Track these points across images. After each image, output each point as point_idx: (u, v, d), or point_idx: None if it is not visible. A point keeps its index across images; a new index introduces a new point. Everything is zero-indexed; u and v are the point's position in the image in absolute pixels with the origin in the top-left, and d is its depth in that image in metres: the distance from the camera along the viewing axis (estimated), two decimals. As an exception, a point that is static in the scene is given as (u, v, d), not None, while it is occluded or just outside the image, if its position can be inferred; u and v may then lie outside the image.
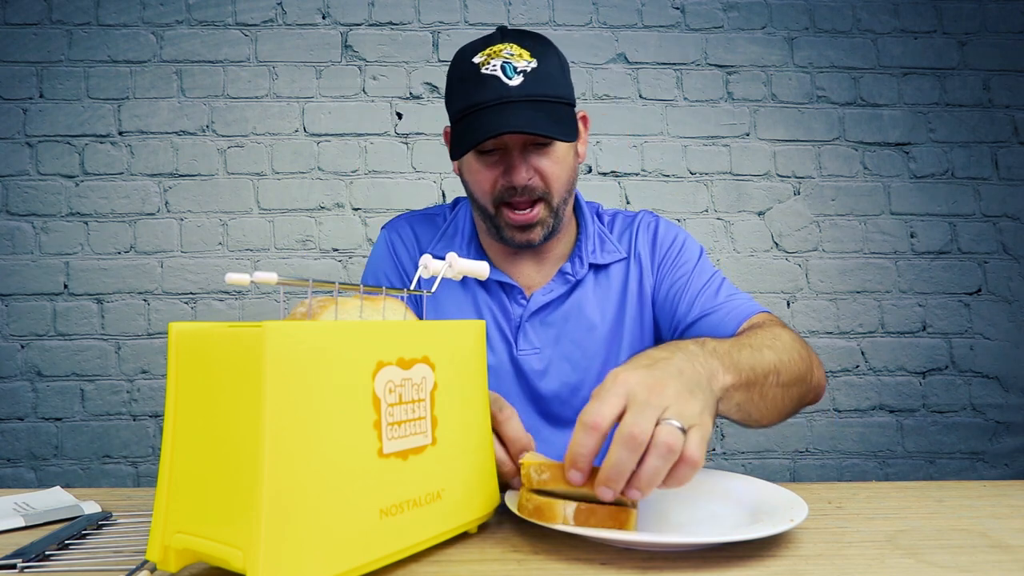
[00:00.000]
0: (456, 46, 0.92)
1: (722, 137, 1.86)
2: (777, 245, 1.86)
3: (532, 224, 0.88)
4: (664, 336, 0.96)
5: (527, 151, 0.85)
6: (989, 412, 1.86)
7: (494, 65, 0.82)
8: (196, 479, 0.46)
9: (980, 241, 1.88)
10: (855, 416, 1.85)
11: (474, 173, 0.89)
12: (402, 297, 0.63)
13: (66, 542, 0.57)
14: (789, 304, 1.85)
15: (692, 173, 1.86)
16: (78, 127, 1.76)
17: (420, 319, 0.58)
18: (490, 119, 0.80)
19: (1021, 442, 1.86)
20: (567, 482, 0.52)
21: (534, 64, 0.83)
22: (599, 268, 0.96)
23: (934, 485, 0.74)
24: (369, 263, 1.03)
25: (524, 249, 0.93)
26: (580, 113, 0.93)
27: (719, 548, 0.54)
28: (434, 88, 1.82)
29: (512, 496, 0.62)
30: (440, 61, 1.83)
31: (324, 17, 1.82)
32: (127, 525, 0.63)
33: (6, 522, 0.62)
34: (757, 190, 1.86)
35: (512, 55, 0.83)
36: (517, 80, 0.81)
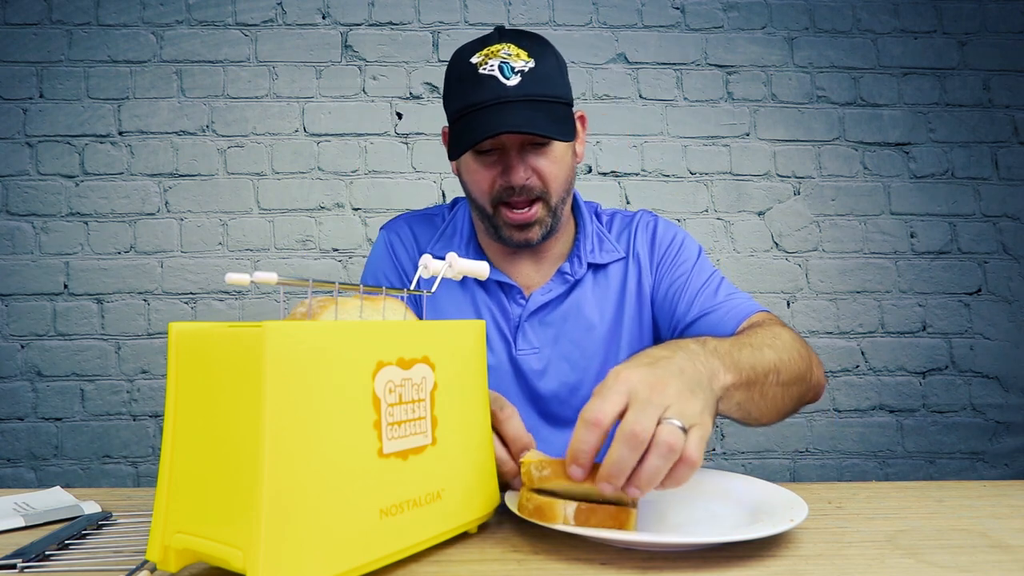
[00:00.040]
0: (456, 46, 0.92)
1: (722, 137, 1.86)
2: (777, 245, 1.86)
3: (530, 223, 0.88)
4: (663, 335, 0.96)
5: (525, 151, 0.85)
6: (989, 412, 1.86)
7: (492, 65, 0.82)
8: (196, 479, 0.46)
9: (980, 241, 1.88)
10: (855, 416, 1.85)
11: (472, 173, 0.89)
12: (402, 297, 0.63)
13: (66, 542, 0.57)
14: (789, 304, 1.85)
15: (692, 173, 1.86)
16: (78, 127, 1.76)
17: (420, 319, 0.59)
18: (488, 119, 0.81)
19: (1021, 442, 1.86)
20: (568, 478, 0.52)
21: (532, 64, 0.83)
22: (598, 268, 0.96)
23: (934, 485, 0.74)
24: (368, 264, 1.03)
25: (522, 248, 0.93)
26: (578, 113, 0.93)
27: (719, 548, 0.54)
28: (434, 88, 1.82)
29: (512, 496, 0.62)
30: (440, 61, 1.83)
31: (324, 17, 1.82)
32: (127, 525, 0.63)
33: (6, 522, 0.62)
34: (757, 190, 1.86)
35: (510, 55, 0.83)
36: (515, 80, 0.81)
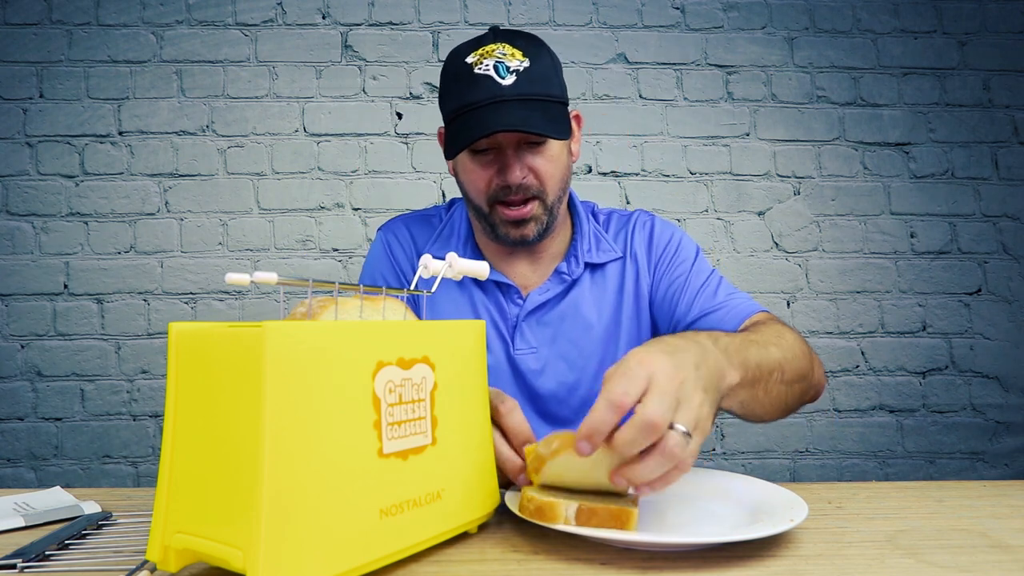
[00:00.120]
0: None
1: (722, 137, 1.86)
2: (777, 245, 1.86)
3: (526, 220, 0.88)
4: (662, 335, 0.96)
5: (521, 150, 0.85)
6: (989, 412, 1.86)
7: (487, 65, 0.83)
8: (196, 479, 0.46)
9: (980, 241, 1.88)
10: (855, 416, 1.85)
11: (468, 172, 0.89)
12: (402, 297, 0.63)
13: (66, 542, 0.57)
14: (789, 304, 1.85)
15: (692, 173, 1.86)
16: (78, 127, 1.76)
17: (420, 319, 0.59)
18: (483, 118, 0.81)
19: (1021, 442, 1.86)
20: (576, 451, 0.51)
21: (527, 64, 0.83)
22: (595, 267, 0.96)
23: (934, 485, 0.74)
24: (366, 265, 1.03)
25: (519, 246, 0.94)
26: (573, 112, 0.93)
27: (719, 548, 0.54)
28: (434, 88, 1.82)
29: (512, 496, 0.62)
30: (440, 61, 1.83)
31: (324, 17, 1.82)
32: (127, 525, 0.63)
33: (6, 522, 0.62)
34: (757, 190, 1.86)
35: (505, 55, 0.83)
36: (510, 79, 0.82)
